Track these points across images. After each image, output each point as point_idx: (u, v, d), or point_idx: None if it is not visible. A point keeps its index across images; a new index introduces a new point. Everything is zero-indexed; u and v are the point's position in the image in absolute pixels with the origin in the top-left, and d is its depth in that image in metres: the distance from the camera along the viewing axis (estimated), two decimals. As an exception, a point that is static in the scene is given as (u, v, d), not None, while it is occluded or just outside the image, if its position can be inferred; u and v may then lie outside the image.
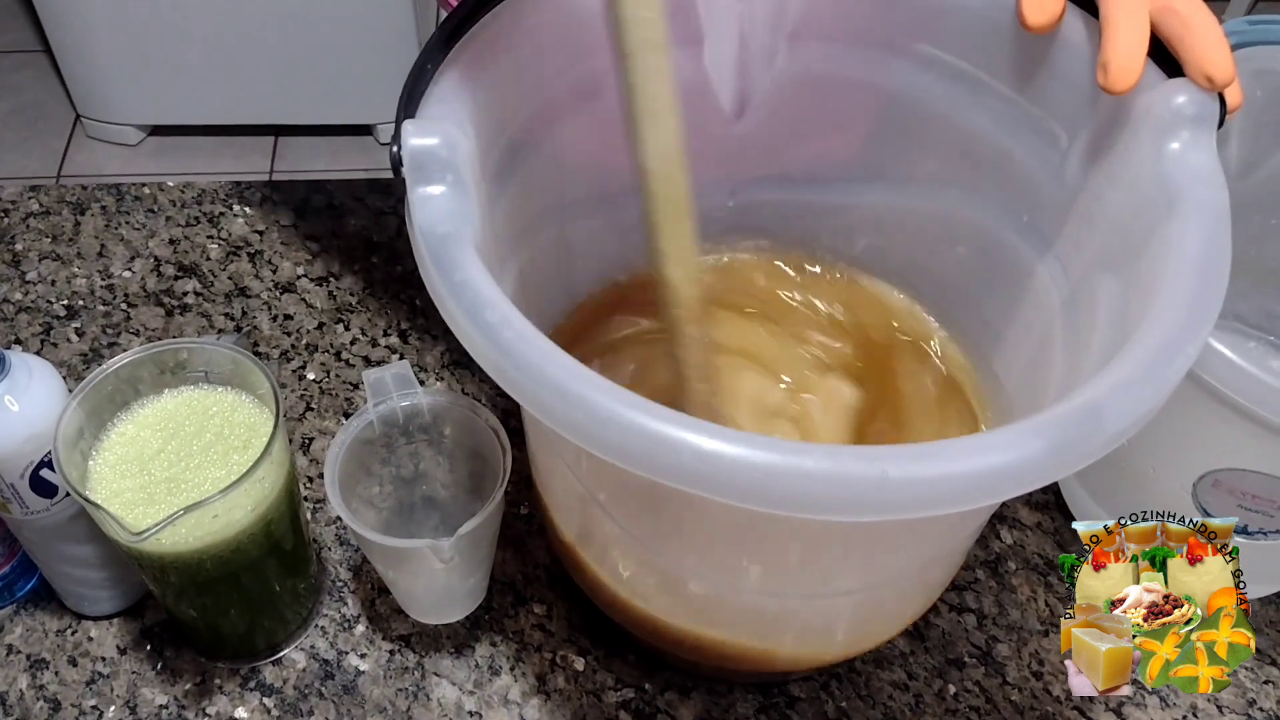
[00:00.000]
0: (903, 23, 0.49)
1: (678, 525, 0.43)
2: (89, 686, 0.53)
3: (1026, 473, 0.32)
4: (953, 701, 0.55)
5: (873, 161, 0.55)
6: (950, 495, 0.31)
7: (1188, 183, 0.38)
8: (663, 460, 0.31)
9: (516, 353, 0.33)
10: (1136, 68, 0.39)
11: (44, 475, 0.47)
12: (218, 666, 0.54)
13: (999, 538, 0.61)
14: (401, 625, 0.56)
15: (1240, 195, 0.58)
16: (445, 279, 0.35)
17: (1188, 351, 0.34)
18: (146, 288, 0.70)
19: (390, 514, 0.56)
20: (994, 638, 0.57)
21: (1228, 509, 0.52)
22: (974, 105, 0.48)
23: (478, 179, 0.39)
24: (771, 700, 0.54)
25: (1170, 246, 0.37)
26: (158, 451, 0.47)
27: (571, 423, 0.32)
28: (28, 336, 0.67)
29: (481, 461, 0.53)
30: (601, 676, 0.54)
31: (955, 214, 0.53)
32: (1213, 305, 0.35)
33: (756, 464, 0.31)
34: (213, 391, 0.49)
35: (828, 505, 0.31)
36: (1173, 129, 0.39)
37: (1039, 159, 0.46)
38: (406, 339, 0.68)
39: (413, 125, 0.37)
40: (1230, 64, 0.38)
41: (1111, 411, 0.32)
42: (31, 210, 0.74)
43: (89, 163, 1.88)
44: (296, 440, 0.63)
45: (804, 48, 0.51)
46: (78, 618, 0.55)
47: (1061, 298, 0.46)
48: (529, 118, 0.47)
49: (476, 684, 0.54)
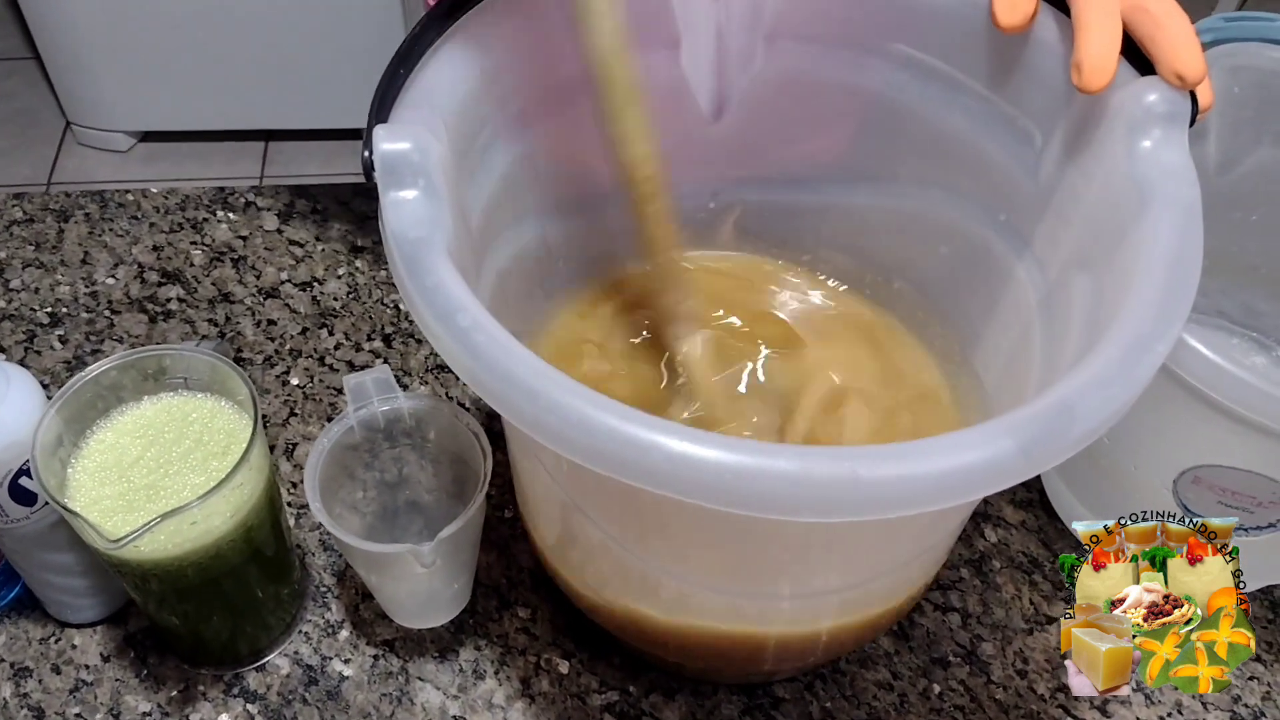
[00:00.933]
0: (878, 23, 0.49)
1: (657, 528, 0.43)
2: (73, 694, 0.53)
3: (997, 472, 0.32)
4: (937, 701, 0.55)
5: (853, 162, 0.55)
6: (921, 495, 0.31)
7: (1160, 180, 0.38)
8: (634, 463, 0.31)
9: (488, 356, 0.33)
10: (1110, 67, 0.39)
11: (23, 483, 0.47)
12: (201, 673, 0.54)
13: (983, 536, 0.61)
14: (385, 630, 0.56)
15: (1220, 191, 0.59)
16: (417, 283, 0.35)
17: (1158, 349, 0.34)
18: (130, 295, 0.70)
19: (374, 519, 0.56)
20: (979, 636, 0.57)
21: (1208, 506, 0.52)
22: (950, 105, 0.48)
23: (451, 183, 0.39)
24: (756, 701, 0.54)
25: (1142, 244, 0.37)
26: (137, 459, 0.47)
27: (544, 426, 0.32)
28: (11, 345, 0.66)
29: (464, 465, 0.53)
30: (586, 679, 0.54)
31: (935, 214, 0.53)
32: (1183, 303, 0.35)
33: (726, 465, 0.31)
34: (192, 398, 0.49)
35: (798, 506, 0.31)
36: (1144, 127, 0.39)
37: (1015, 158, 0.46)
38: (390, 343, 0.68)
39: (384, 130, 0.37)
40: (1201, 62, 0.38)
41: (1082, 410, 0.33)
42: (15, 218, 0.74)
43: (79, 169, 1.88)
44: (280, 446, 0.63)
45: (781, 48, 0.51)
46: (61, 626, 0.55)
47: (1039, 296, 0.46)
48: (504, 121, 0.47)
49: (461, 688, 0.54)
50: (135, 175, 1.87)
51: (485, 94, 0.44)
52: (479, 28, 0.43)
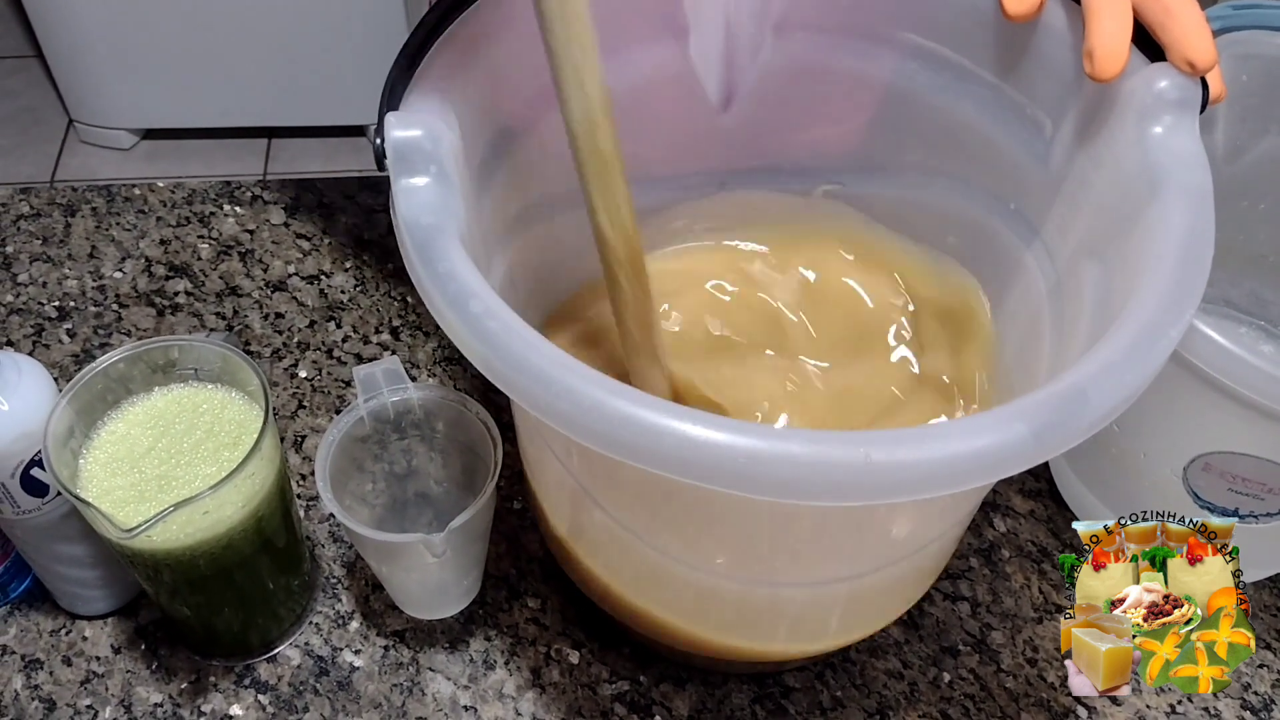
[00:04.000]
0: (887, 12, 0.49)
1: (668, 514, 0.43)
2: (84, 686, 0.53)
3: (1010, 456, 0.32)
4: (947, 689, 0.55)
5: (861, 151, 0.55)
6: (934, 479, 0.31)
7: (1171, 167, 0.38)
8: (648, 448, 0.31)
9: (501, 343, 0.33)
10: (1122, 55, 0.39)
11: (35, 474, 0.47)
12: (212, 664, 0.54)
13: (992, 525, 0.61)
14: (396, 621, 0.56)
15: (1227, 180, 0.59)
16: (429, 270, 0.35)
17: (1170, 334, 0.34)
18: (138, 288, 0.70)
19: (383, 510, 0.56)
20: (988, 625, 0.57)
21: (1218, 492, 0.52)
22: (959, 93, 0.48)
23: (462, 171, 0.40)
24: (766, 690, 0.54)
25: (1153, 230, 0.37)
26: (148, 449, 0.47)
27: (556, 412, 0.32)
28: (19, 338, 0.67)
29: (474, 456, 0.53)
30: (596, 669, 0.55)
31: (944, 203, 0.53)
32: (1196, 288, 0.35)
33: (740, 449, 0.31)
34: (202, 389, 0.49)
35: (812, 490, 0.31)
36: (1155, 113, 0.39)
37: (1024, 145, 0.46)
38: (398, 335, 0.68)
39: (395, 117, 0.37)
40: (1211, 49, 0.38)
41: (1095, 394, 0.33)
42: (22, 212, 0.74)
43: (82, 167, 1.88)
44: (289, 438, 0.63)
45: (790, 38, 0.51)
46: (72, 617, 0.55)
47: (1048, 285, 0.46)
48: (514, 110, 0.47)
49: (471, 678, 0.54)
50: (138, 173, 1.87)
51: (496, 83, 0.44)
52: (490, 16, 0.43)
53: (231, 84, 1.80)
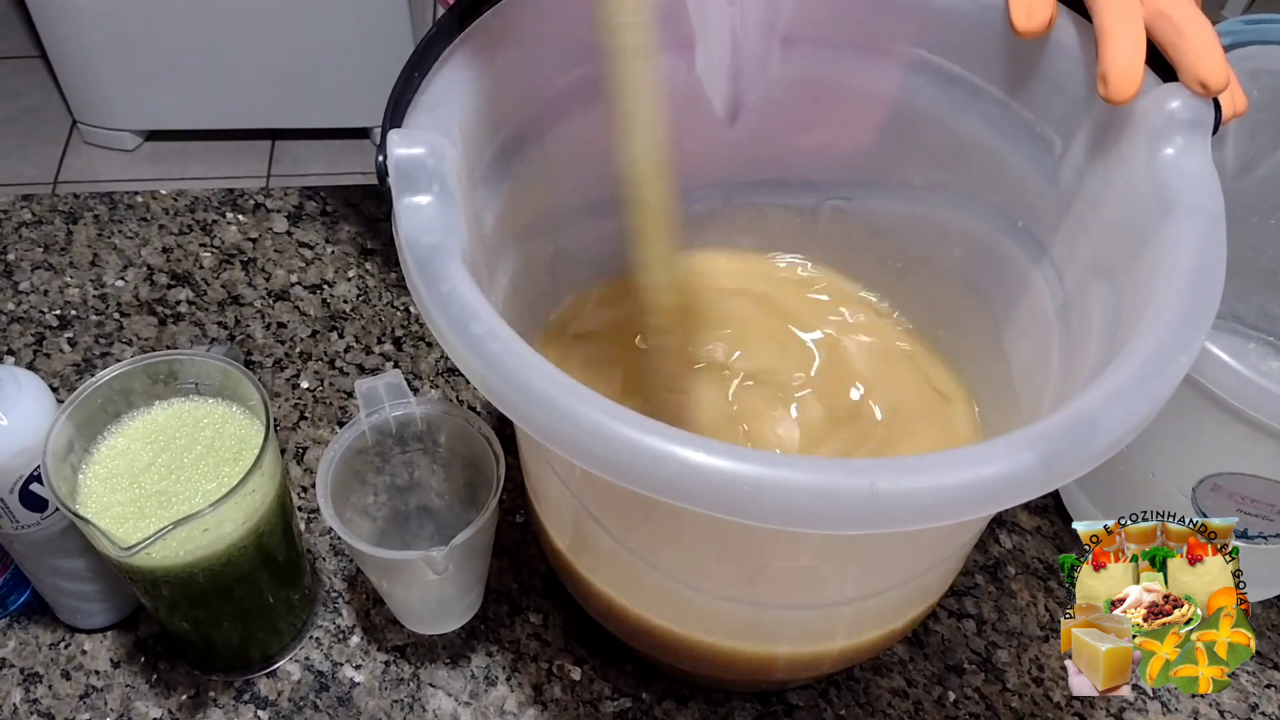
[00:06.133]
0: (895, 26, 0.48)
1: (670, 536, 0.43)
2: (83, 700, 0.53)
3: (1018, 484, 0.31)
4: (952, 708, 0.54)
5: (868, 165, 0.55)
6: (940, 508, 0.31)
7: (1182, 188, 0.38)
8: (649, 473, 0.31)
9: (502, 365, 0.33)
10: (1136, 77, 0.38)
11: (34, 489, 0.47)
12: (212, 679, 0.53)
13: (998, 542, 0.61)
14: (397, 636, 0.55)
15: (1237, 196, 0.58)
16: (431, 290, 0.35)
17: (1181, 360, 0.33)
18: (139, 297, 0.69)
19: (385, 523, 0.56)
20: (994, 643, 0.57)
21: (1227, 513, 0.51)
22: (968, 110, 0.48)
23: (465, 188, 0.39)
24: (770, 709, 0.54)
25: (1164, 253, 0.37)
26: (148, 465, 0.47)
27: (558, 435, 0.32)
28: (20, 347, 0.66)
29: (476, 470, 0.52)
30: (598, 686, 0.54)
31: (950, 219, 0.53)
32: (1207, 313, 0.35)
33: (743, 477, 0.30)
34: (203, 403, 0.49)
35: (815, 519, 0.30)
36: (1167, 134, 0.38)
37: (1033, 163, 0.46)
38: (401, 346, 0.68)
39: (398, 135, 0.37)
40: (1224, 70, 0.38)
41: (1104, 422, 0.32)
42: (24, 220, 0.73)
43: (86, 169, 1.88)
44: (290, 449, 0.63)
45: (797, 52, 0.51)
46: (71, 631, 0.55)
47: (1056, 304, 0.46)
48: (519, 124, 0.46)
49: (472, 694, 0.53)
50: (141, 174, 1.87)
51: (499, 99, 0.44)
52: (493, 32, 0.42)
53: (236, 86, 1.79)
